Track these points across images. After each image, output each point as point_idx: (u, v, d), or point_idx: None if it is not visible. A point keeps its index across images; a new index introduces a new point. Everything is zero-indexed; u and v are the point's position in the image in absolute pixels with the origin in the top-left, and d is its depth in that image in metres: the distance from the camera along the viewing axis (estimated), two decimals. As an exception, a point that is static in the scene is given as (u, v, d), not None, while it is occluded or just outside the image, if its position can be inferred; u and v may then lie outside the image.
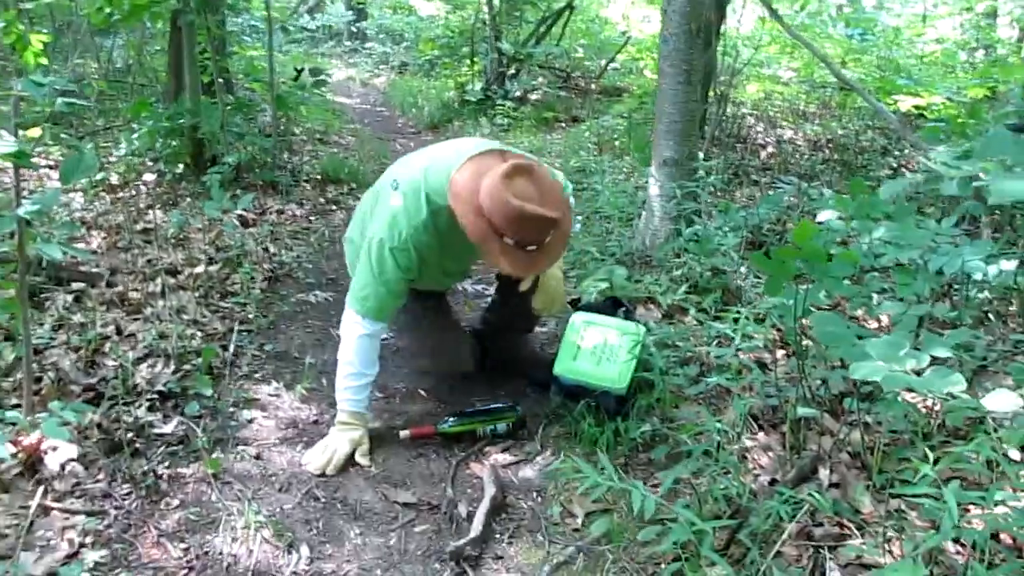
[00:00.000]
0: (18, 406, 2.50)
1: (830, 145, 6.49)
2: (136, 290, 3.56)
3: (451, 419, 2.63)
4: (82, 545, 2.07)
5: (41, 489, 2.21)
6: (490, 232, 2.35)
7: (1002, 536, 1.90)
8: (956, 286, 3.27)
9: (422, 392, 2.99)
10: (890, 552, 1.90)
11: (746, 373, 2.66)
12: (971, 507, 1.90)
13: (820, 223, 2.74)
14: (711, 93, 6.19)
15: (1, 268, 2.45)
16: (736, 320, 2.80)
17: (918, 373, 1.90)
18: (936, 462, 1.74)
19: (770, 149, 6.39)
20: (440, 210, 2.49)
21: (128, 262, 3.88)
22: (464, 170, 2.45)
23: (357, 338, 2.55)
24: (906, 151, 5.92)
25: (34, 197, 2.38)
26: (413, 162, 2.65)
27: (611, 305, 2.93)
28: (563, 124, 8.64)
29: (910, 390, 2.43)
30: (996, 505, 1.77)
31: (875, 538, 1.94)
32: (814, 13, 7.74)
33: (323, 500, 2.34)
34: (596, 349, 2.68)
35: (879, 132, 6.67)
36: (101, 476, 2.33)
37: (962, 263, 2.53)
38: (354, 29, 16.58)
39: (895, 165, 5.81)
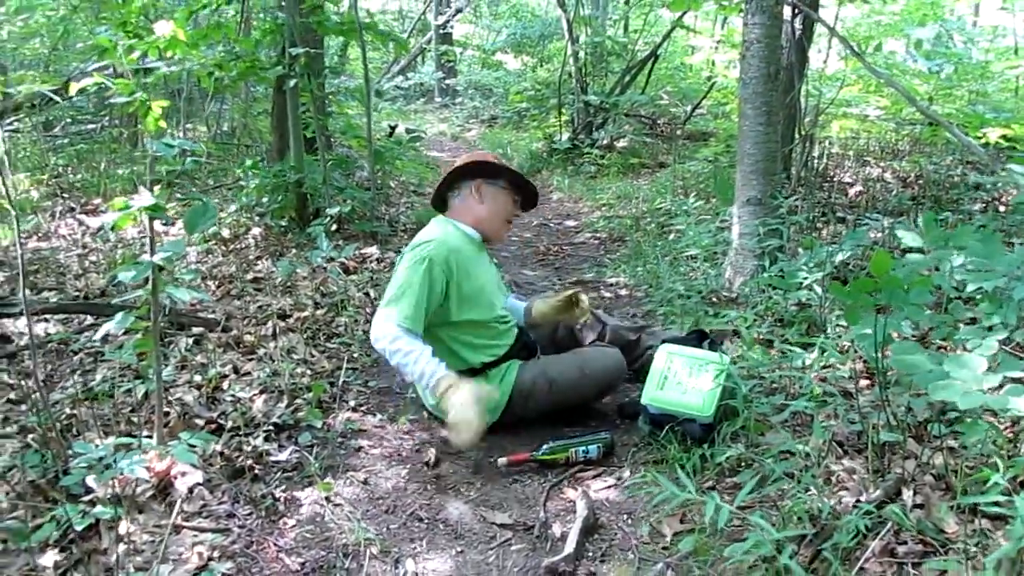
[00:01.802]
0: (149, 438, 2.75)
1: (920, 181, 6.46)
2: (249, 333, 3.83)
3: (545, 446, 2.78)
4: (210, 559, 2.27)
5: (176, 509, 2.43)
6: (495, 174, 3.12)
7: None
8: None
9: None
10: (974, 568, 1.94)
11: (829, 400, 2.72)
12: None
13: (899, 255, 2.81)
14: (797, 133, 6.25)
15: (133, 313, 2.71)
16: (823, 351, 2.88)
17: (998, 390, 1.97)
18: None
19: (858, 187, 6.39)
20: (461, 230, 3.10)
21: (241, 308, 4.18)
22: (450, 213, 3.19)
23: (397, 338, 2.77)
24: (999, 184, 5.85)
25: (164, 246, 2.65)
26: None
27: (696, 337, 3.05)
28: (649, 170, 8.78)
29: (992, 413, 2.49)
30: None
31: (959, 554, 1.99)
32: (891, 52, 7.73)
33: (426, 521, 2.50)
34: (682, 379, 2.80)
35: (970, 167, 6.60)
36: (225, 498, 2.55)
37: (1046, 291, 2.56)
38: (444, 86, 17.13)
39: (987, 199, 5.75)
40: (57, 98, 5.97)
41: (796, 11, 5.69)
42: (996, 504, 1.80)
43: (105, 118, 10.04)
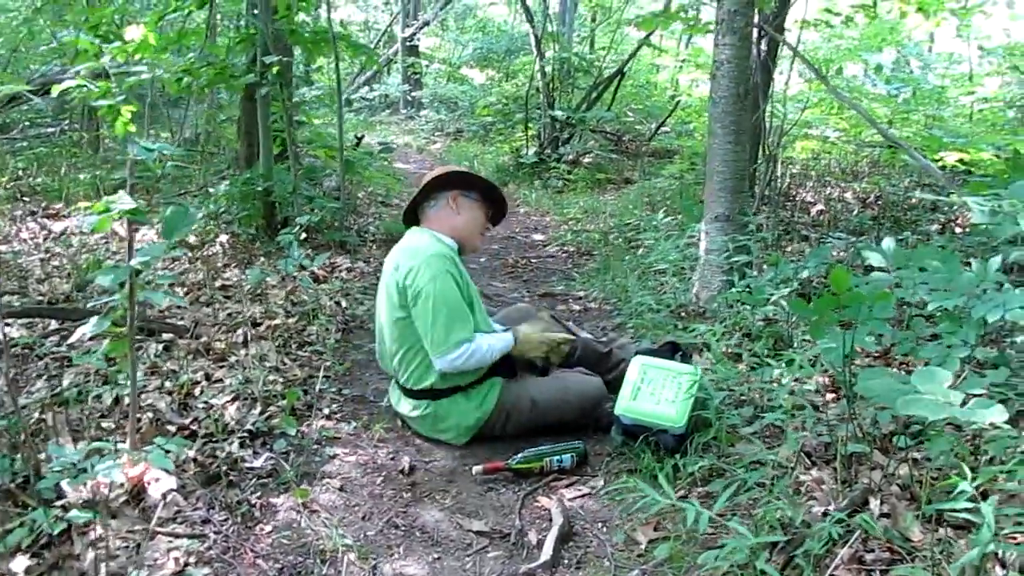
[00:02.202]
0: (121, 442, 2.73)
1: (879, 202, 6.62)
2: (219, 340, 3.81)
3: (519, 455, 2.81)
4: (186, 564, 2.27)
5: (157, 513, 2.42)
6: (470, 186, 3.20)
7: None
8: (1004, 332, 3.37)
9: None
10: (939, 575, 2.01)
11: (798, 413, 2.79)
12: (1018, 535, 2.01)
13: (862, 272, 2.89)
14: (760, 152, 6.37)
15: (107, 317, 2.69)
16: (789, 363, 2.95)
17: (964, 404, 2.04)
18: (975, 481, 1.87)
19: (819, 207, 6.54)
20: (443, 241, 3.14)
21: (210, 315, 4.15)
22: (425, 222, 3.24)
23: (466, 354, 2.92)
24: (955, 207, 6.01)
25: (141, 250, 2.64)
26: (395, 254, 3.22)
27: (669, 349, 3.10)
28: (615, 185, 8.89)
29: (957, 427, 2.57)
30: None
31: (925, 561, 2.06)
32: (853, 76, 7.95)
33: (403, 528, 2.52)
34: (655, 390, 2.85)
35: (927, 188, 6.78)
36: (200, 504, 2.54)
37: (1004, 310, 2.66)
38: (410, 98, 17.15)
39: (944, 220, 5.91)
40: (37, 99, 5.93)
41: (762, 33, 5.82)
42: (964, 511, 1.87)
43: (64, 122, 9.91)
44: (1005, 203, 2.29)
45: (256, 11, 5.54)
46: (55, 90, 2.84)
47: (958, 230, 5.64)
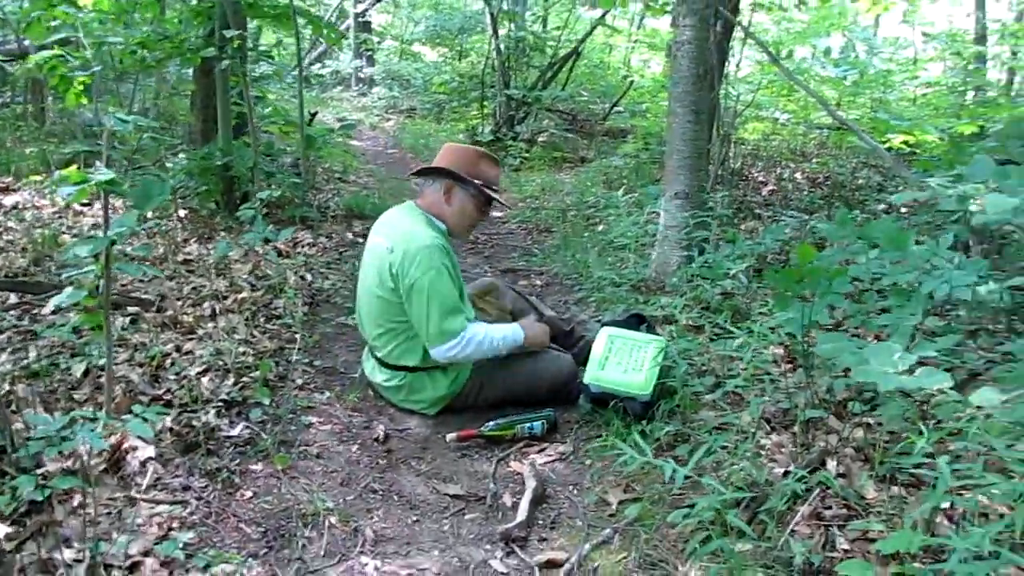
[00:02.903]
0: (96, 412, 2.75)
1: (828, 182, 6.81)
2: (186, 314, 3.82)
3: (491, 423, 2.90)
4: (170, 529, 2.31)
5: (147, 479, 2.46)
6: (466, 182, 3.12)
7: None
8: (949, 306, 3.54)
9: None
10: (892, 528, 2.14)
11: (758, 382, 2.92)
12: (963, 491, 2.15)
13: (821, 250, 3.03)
14: (715, 133, 6.51)
15: (81, 288, 2.70)
16: (751, 333, 3.07)
17: (911, 373, 2.18)
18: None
19: (771, 186, 6.71)
20: (436, 225, 3.16)
21: (175, 289, 4.15)
22: (420, 197, 3.23)
23: (465, 341, 2.98)
24: (900, 188, 6.22)
25: (115, 221, 2.66)
26: (389, 231, 3.18)
27: (635, 320, 3.21)
28: (571, 164, 8.98)
29: (906, 395, 2.71)
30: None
31: (879, 516, 2.20)
32: (802, 59, 8.15)
33: (380, 493, 2.59)
34: (622, 359, 2.95)
35: (874, 169, 7.00)
36: (179, 472, 2.58)
37: (951, 286, 2.81)
38: (362, 75, 17.00)
39: (890, 200, 6.11)
40: (9, 69, 5.82)
41: (717, 15, 5.94)
42: (918, 467, 2.00)
43: (7, 94, 9.66)
44: (968, 187, 2.43)
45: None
46: (31, 60, 2.82)
47: (904, 209, 5.83)
